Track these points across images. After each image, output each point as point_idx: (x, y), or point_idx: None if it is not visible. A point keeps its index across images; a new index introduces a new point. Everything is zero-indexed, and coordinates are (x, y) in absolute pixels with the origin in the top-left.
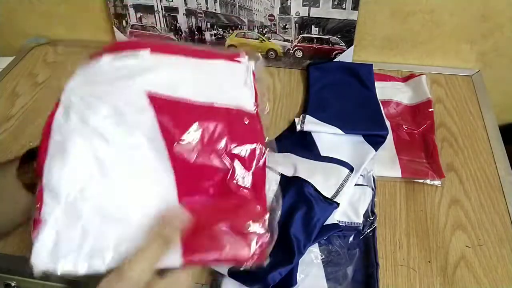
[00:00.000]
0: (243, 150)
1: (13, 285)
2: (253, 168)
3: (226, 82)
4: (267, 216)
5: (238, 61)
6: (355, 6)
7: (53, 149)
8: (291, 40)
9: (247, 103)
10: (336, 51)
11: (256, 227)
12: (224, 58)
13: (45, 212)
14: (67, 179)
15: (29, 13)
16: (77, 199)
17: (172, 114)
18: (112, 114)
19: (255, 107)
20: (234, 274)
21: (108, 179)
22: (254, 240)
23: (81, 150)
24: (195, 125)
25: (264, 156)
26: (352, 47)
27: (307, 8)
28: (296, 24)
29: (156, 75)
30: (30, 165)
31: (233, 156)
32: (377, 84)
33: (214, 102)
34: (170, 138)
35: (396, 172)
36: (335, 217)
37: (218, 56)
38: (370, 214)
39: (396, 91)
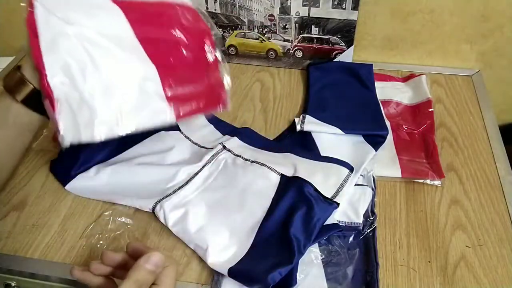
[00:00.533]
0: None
1: (13, 285)
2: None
3: None
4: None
5: None
6: (355, 6)
7: (47, 44)
8: (291, 40)
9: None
10: (336, 51)
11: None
12: None
13: (57, 93)
14: (69, 66)
15: None
16: (79, 82)
17: (134, 10)
18: (88, 16)
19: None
20: (234, 274)
21: (100, 65)
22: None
23: (74, 43)
24: (154, 16)
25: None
26: (352, 47)
27: (307, 8)
28: (296, 24)
29: None
30: (16, 86)
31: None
32: (377, 84)
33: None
34: (138, 28)
35: (396, 172)
36: (335, 217)
37: None
38: (370, 214)
39: (396, 91)
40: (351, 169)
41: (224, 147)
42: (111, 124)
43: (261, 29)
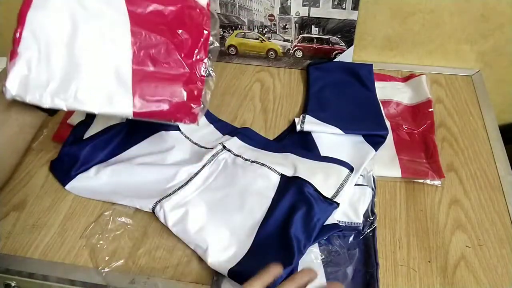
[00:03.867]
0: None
1: (13, 285)
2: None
3: None
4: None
5: None
6: (355, 6)
7: (37, 2)
8: (291, 40)
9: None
10: (336, 51)
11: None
12: None
13: (22, 47)
14: (47, 27)
15: None
16: (51, 45)
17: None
18: None
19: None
20: (234, 275)
21: (79, 37)
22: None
23: (62, 8)
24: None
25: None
26: (352, 47)
27: (307, 8)
28: (296, 24)
29: None
30: None
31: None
32: (377, 84)
33: None
34: (133, 12)
35: (396, 172)
36: (335, 217)
37: None
38: (370, 214)
39: (396, 91)
40: (351, 169)
41: (224, 147)
42: (63, 95)
43: (261, 29)
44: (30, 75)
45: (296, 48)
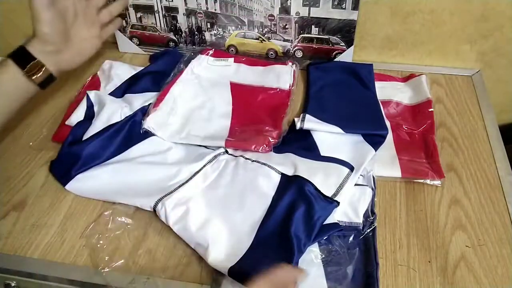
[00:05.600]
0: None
1: (13, 285)
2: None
3: (274, 75)
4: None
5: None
6: (355, 6)
7: (182, 80)
8: (291, 40)
9: (285, 85)
10: (336, 51)
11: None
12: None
13: (163, 103)
14: (180, 95)
15: (29, 13)
16: (179, 105)
17: (239, 88)
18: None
19: (290, 87)
20: (235, 274)
21: (195, 101)
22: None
23: (190, 86)
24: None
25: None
26: (352, 47)
27: (307, 8)
28: (296, 24)
29: (237, 76)
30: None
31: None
32: (377, 84)
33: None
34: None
35: (396, 172)
36: (335, 216)
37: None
38: (370, 214)
39: (396, 91)
40: (351, 168)
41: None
42: (178, 135)
43: (261, 29)
44: (162, 119)
45: (296, 48)
